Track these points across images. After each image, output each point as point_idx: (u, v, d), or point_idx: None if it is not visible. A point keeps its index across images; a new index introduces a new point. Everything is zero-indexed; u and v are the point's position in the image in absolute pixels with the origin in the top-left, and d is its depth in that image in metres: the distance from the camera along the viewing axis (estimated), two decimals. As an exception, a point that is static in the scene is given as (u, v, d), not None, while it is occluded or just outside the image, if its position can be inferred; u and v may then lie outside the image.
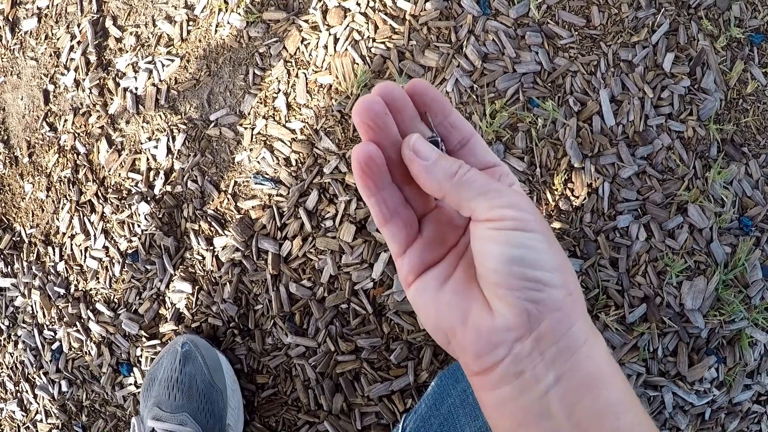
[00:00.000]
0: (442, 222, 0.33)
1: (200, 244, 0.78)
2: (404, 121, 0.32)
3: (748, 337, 0.74)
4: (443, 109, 0.32)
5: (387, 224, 0.32)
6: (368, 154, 0.30)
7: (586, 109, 0.76)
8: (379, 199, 0.31)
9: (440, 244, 0.32)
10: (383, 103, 0.30)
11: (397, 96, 0.31)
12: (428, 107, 0.32)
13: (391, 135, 0.31)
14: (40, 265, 0.84)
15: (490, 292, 0.29)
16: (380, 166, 0.30)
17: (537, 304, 0.27)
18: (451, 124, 0.33)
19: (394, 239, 0.32)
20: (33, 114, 0.86)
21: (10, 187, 0.87)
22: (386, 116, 0.30)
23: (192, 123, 0.81)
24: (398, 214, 0.31)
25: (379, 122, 0.30)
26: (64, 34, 0.86)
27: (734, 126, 0.77)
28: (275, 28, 0.80)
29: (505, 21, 0.77)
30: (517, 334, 0.27)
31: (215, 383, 0.70)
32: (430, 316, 0.31)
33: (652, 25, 0.77)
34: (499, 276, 0.27)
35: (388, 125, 0.31)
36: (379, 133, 0.30)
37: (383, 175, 0.31)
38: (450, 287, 0.31)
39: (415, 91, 0.32)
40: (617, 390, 0.27)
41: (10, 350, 0.85)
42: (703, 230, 0.75)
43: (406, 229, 0.32)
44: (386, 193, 0.31)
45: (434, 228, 0.32)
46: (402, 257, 0.32)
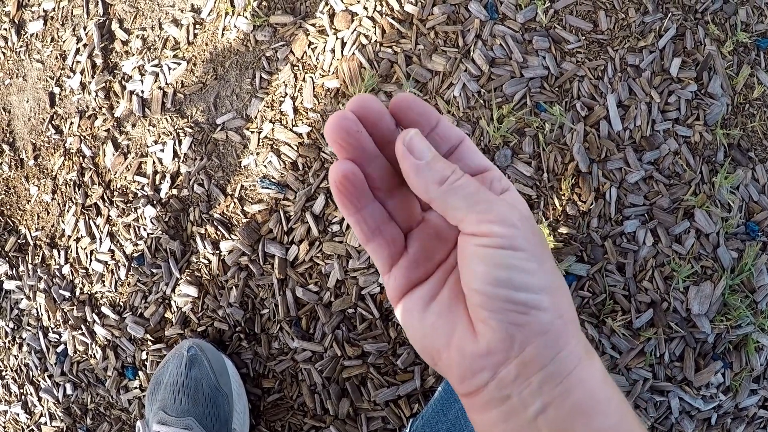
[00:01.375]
0: (429, 236, 0.31)
1: (206, 247, 0.78)
2: (382, 135, 0.30)
3: (755, 342, 0.74)
4: (430, 122, 0.31)
5: (369, 243, 0.30)
6: (344, 173, 0.28)
7: (593, 114, 0.76)
8: (359, 219, 0.30)
9: (428, 259, 0.31)
10: (355, 118, 0.29)
11: (373, 109, 0.29)
12: (415, 122, 0.30)
13: (367, 151, 0.29)
14: (45, 267, 0.84)
15: (474, 314, 0.27)
16: (358, 184, 0.29)
17: (522, 328, 0.26)
18: (438, 135, 0.31)
19: (378, 258, 0.31)
20: (39, 116, 0.86)
21: (15, 189, 0.87)
22: (358, 133, 0.29)
23: (198, 126, 0.81)
24: (381, 231, 0.30)
25: (351, 140, 0.28)
26: (70, 36, 0.86)
27: (741, 131, 0.77)
28: (282, 31, 0.80)
29: (513, 25, 0.77)
30: (500, 359, 0.26)
31: (221, 387, 0.70)
32: (416, 338, 0.30)
33: (659, 29, 0.78)
34: (483, 297, 0.26)
35: (361, 142, 0.29)
36: (354, 151, 0.29)
37: (362, 193, 0.29)
38: (435, 308, 0.29)
39: (400, 106, 0.30)
40: (612, 415, 0.26)
41: (15, 353, 0.85)
42: (709, 235, 0.75)
43: (389, 246, 0.30)
44: (367, 212, 0.30)
45: (421, 243, 0.31)
46: (387, 276, 0.31)
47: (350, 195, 0.29)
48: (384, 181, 0.30)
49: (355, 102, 0.29)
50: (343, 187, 0.29)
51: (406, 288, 0.31)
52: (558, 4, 0.78)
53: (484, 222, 0.27)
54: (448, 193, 0.28)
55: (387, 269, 0.31)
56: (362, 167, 0.29)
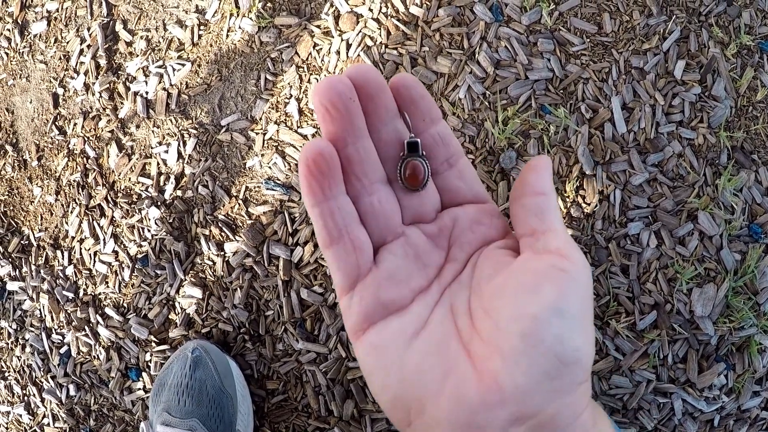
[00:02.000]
0: (406, 255, 0.26)
1: (211, 249, 0.78)
2: (376, 113, 0.25)
3: (757, 344, 0.74)
4: (431, 113, 0.26)
5: (332, 246, 0.25)
6: (318, 151, 0.24)
7: (597, 117, 0.76)
8: (324, 210, 0.24)
9: (402, 282, 0.25)
10: (351, 85, 0.24)
11: (371, 80, 0.25)
12: (414, 105, 0.26)
13: (356, 127, 0.25)
14: (48, 268, 0.84)
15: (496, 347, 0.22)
16: (332, 168, 0.24)
17: (553, 382, 0.21)
18: (439, 135, 0.27)
19: (338, 268, 0.25)
20: (42, 117, 0.86)
21: (18, 190, 0.87)
22: (351, 101, 0.24)
23: (203, 128, 0.81)
24: (348, 234, 0.25)
25: (341, 107, 0.24)
26: (73, 37, 0.86)
27: (744, 133, 0.77)
28: (287, 33, 0.80)
29: (518, 28, 0.77)
30: (512, 413, 0.21)
31: (225, 389, 0.70)
32: (389, 385, 0.23)
33: (663, 32, 0.78)
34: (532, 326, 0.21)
35: (352, 113, 0.24)
36: (340, 122, 0.24)
37: (334, 180, 0.24)
38: (421, 345, 0.24)
39: (400, 84, 0.26)
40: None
41: (18, 354, 0.84)
42: (713, 237, 0.75)
43: (355, 254, 0.25)
44: (335, 204, 0.25)
45: (396, 261, 0.26)
46: (349, 294, 0.25)
47: (321, 178, 0.24)
48: (365, 170, 0.25)
49: (354, 70, 0.25)
50: (316, 167, 0.24)
51: (375, 314, 0.25)
52: (563, 7, 0.78)
53: (573, 245, 0.24)
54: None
55: (349, 285, 0.25)
56: (344, 145, 0.25)
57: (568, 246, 0.24)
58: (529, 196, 0.26)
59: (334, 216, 0.25)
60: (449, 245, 0.27)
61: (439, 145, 0.27)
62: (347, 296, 0.25)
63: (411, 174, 0.26)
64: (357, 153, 0.25)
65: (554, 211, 0.25)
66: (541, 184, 0.26)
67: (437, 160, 0.27)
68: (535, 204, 0.25)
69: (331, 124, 0.24)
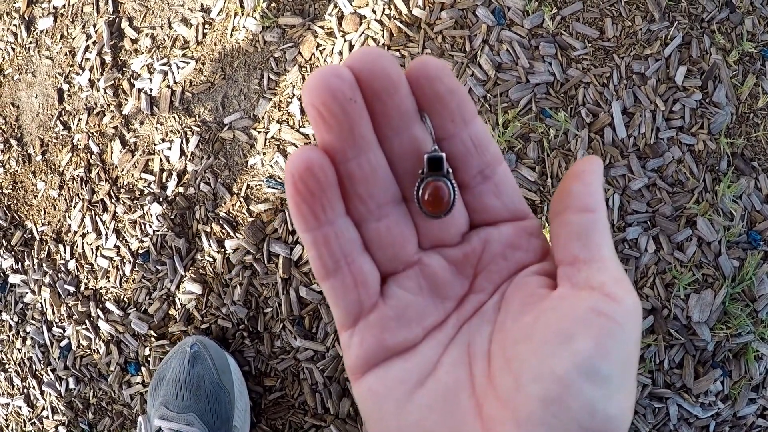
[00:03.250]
0: (421, 289, 0.22)
1: (211, 246, 0.79)
2: (388, 116, 0.19)
3: (754, 351, 0.74)
4: (463, 112, 0.20)
5: (328, 279, 0.20)
6: (307, 165, 0.19)
7: (598, 121, 0.76)
8: (317, 238, 0.20)
9: (413, 321, 0.21)
10: (352, 80, 0.19)
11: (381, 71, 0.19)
12: (441, 103, 0.20)
13: (358, 137, 0.19)
14: (50, 262, 0.84)
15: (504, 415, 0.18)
16: (326, 186, 0.19)
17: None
18: (472, 140, 0.21)
19: (337, 303, 0.21)
20: (47, 112, 0.87)
21: (22, 184, 0.87)
22: (351, 103, 0.19)
23: (206, 125, 0.81)
24: (347, 265, 0.20)
25: (336, 109, 0.18)
26: (79, 33, 0.87)
27: (745, 140, 0.77)
28: (291, 33, 0.81)
29: (520, 31, 0.78)
30: None
31: (223, 385, 0.71)
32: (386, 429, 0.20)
33: (665, 38, 0.78)
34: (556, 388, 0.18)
35: (352, 118, 0.19)
36: (338, 130, 0.19)
37: (329, 201, 0.19)
38: (426, 397, 0.20)
39: (422, 74, 0.19)
40: None
41: (19, 346, 0.85)
42: (711, 243, 0.75)
43: (357, 290, 0.21)
44: (331, 231, 0.20)
45: (407, 297, 0.21)
46: (349, 332, 0.21)
47: (310, 199, 0.19)
48: (370, 190, 0.20)
49: (358, 57, 0.19)
50: (304, 185, 0.19)
51: (377, 357, 0.21)
52: (565, 11, 0.78)
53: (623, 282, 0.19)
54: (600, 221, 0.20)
55: (349, 323, 0.21)
56: (344, 159, 0.20)
57: (616, 282, 0.19)
58: (572, 212, 0.21)
59: (330, 245, 0.20)
60: (475, 274, 0.22)
61: (472, 153, 0.21)
62: (347, 333, 0.21)
63: (432, 199, 0.21)
64: (360, 169, 0.20)
65: (603, 234, 0.20)
66: (587, 196, 0.21)
67: (469, 173, 0.21)
68: (578, 224, 0.20)
69: (327, 133, 0.19)
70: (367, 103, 0.19)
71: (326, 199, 0.19)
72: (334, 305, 0.21)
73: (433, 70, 0.19)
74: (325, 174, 0.19)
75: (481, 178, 0.21)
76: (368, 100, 0.19)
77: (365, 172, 0.20)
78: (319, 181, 0.19)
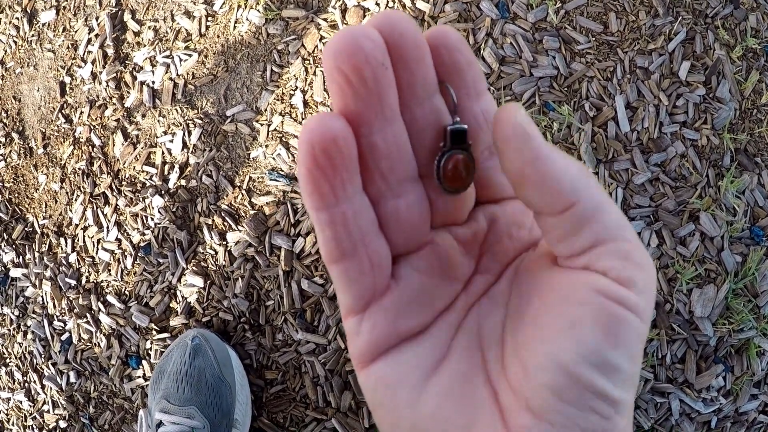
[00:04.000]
0: (432, 270, 0.20)
1: (213, 238, 0.79)
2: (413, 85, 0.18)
3: (756, 346, 0.74)
4: (477, 85, 0.19)
5: (341, 262, 0.19)
6: (331, 135, 0.17)
7: (601, 115, 0.76)
8: (335, 217, 0.18)
9: (426, 304, 0.20)
10: (383, 44, 0.17)
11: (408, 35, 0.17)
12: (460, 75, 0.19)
13: (386, 107, 0.18)
14: (51, 255, 0.84)
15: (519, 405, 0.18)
16: (348, 160, 0.17)
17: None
18: (483, 114, 0.20)
19: (348, 287, 0.19)
20: (49, 105, 0.87)
21: (24, 177, 0.87)
22: (382, 68, 0.17)
23: (208, 118, 0.81)
24: (365, 247, 0.19)
25: (368, 74, 0.17)
26: (82, 26, 0.86)
27: (748, 136, 0.77)
28: (294, 25, 0.81)
29: (523, 25, 0.78)
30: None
31: (224, 378, 0.71)
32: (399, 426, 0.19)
33: (669, 33, 0.78)
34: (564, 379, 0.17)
35: (382, 86, 0.17)
36: (366, 98, 0.17)
37: (350, 176, 0.18)
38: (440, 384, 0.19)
39: (441, 42, 0.18)
40: None
41: (19, 340, 0.85)
42: (714, 239, 0.75)
43: (372, 273, 0.19)
44: (350, 209, 0.18)
45: (420, 279, 0.20)
46: (358, 317, 0.20)
47: (330, 173, 0.17)
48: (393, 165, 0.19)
49: (384, 19, 0.17)
50: (324, 157, 0.17)
51: (388, 342, 0.20)
52: (569, 5, 0.78)
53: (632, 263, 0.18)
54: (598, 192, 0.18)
55: (359, 308, 0.20)
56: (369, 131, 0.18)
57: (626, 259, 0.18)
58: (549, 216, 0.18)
59: (348, 225, 0.18)
60: (481, 253, 0.21)
61: (483, 128, 0.20)
62: (354, 318, 0.20)
63: (454, 173, 0.19)
64: (385, 142, 0.18)
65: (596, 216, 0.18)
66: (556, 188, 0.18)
67: (478, 148, 0.20)
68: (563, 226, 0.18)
69: (353, 101, 0.17)
70: (395, 70, 0.18)
71: (347, 173, 0.17)
72: (344, 289, 0.19)
73: (454, 40, 0.18)
74: (348, 146, 0.17)
75: (488, 153, 0.20)
76: (395, 67, 0.17)
77: (389, 146, 0.18)
78: (342, 153, 0.17)
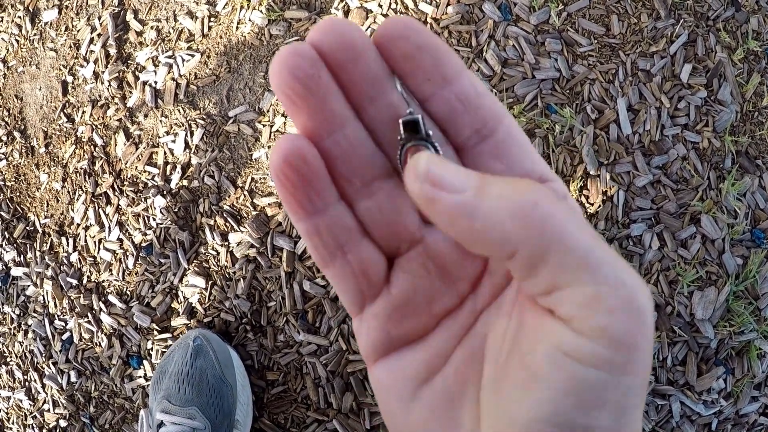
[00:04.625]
0: (427, 270, 0.20)
1: (215, 239, 0.79)
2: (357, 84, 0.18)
3: (757, 349, 0.74)
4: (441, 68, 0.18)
5: (327, 268, 0.20)
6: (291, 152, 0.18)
7: (603, 117, 0.76)
8: (311, 228, 0.19)
9: (421, 308, 0.20)
10: (315, 55, 0.18)
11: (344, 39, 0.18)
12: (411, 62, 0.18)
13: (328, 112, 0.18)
14: (53, 255, 0.84)
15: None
16: (313, 173, 0.18)
17: None
18: (458, 98, 0.19)
19: (342, 291, 0.20)
20: (51, 105, 0.87)
21: (25, 176, 0.87)
22: (316, 79, 0.18)
23: (210, 118, 0.81)
24: (345, 254, 0.19)
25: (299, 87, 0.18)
26: (84, 26, 0.86)
27: (749, 138, 0.77)
28: (297, 26, 0.81)
29: (526, 27, 0.78)
30: None
31: (225, 378, 0.71)
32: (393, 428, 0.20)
33: (670, 35, 0.78)
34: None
35: (318, 94, 0.18)
36: (306, 109, 0.18)
37: (320, 187, 0.18)
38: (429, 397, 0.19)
39: (386, 34, 0.18)
40: None
41: (20, 339, 0.85)
42: (715, 241, 0.75)
43: (357, 279, 0.19)
44: (326, 219, 0.19)
45: (413, 279, 0.20)
46: (358, 318, 0.20)
47: (295, 191, 0.18)
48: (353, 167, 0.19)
49: (319, 30, 0.18)
50: (290, 174, 0.18)
51: (384, 347, 0.20)
52: (571, 8, 0.78)
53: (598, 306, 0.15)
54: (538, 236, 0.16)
55: (356, 310, 0.20)
56: (318, 140, 0.18)
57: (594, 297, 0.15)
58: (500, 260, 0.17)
59: (322, 235, 0.19)
60: None
61: (460, 111, 0.19)
62: (356, 319, 0.20)
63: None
64: (338, 146, 0.19)
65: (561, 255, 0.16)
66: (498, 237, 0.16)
67: (461, 134, 0.19)
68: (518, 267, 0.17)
69: (297, 114, 0.18)
70: (335, 75, 0.18)
71: (311, 188, 0.18)
72: (338, 292, 0.20)
73: (399, 29, 0.18)
74: (306, 161, 0.18)
75: (477, 138, 0.19)
76: (335, 72, 0.18)
77: (343, 149, 0.19)
78: (299, 170, 0.18)
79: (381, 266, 0.20)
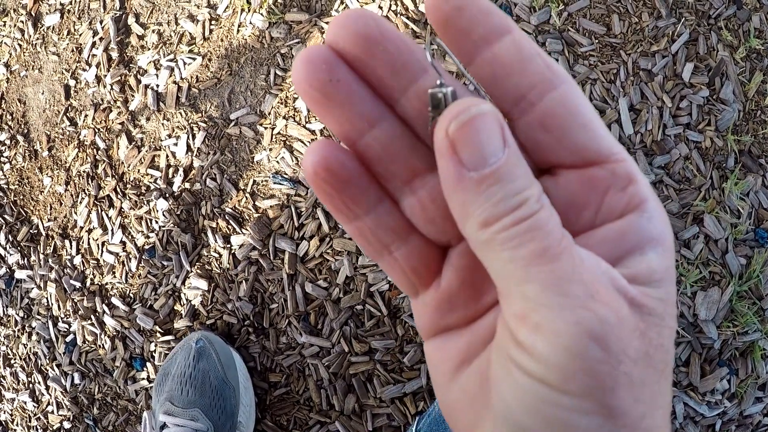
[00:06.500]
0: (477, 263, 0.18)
1: (217, 241, 0.79)
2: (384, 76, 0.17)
3: (761, 349, 0.74)
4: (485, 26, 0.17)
5: (379, 261, 0.20)
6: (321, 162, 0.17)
7: (604, 117, 0.76)
8: (355, 231, 0.19)
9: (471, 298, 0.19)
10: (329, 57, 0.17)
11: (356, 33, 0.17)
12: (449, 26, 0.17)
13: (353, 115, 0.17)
14: (56, 258, 0.85)
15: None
16: (346, 179, 0.18)
17: None
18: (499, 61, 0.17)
19: (395, 280, 0.20)
20: (53, 108, 0.87)
21: (29, 180, 0.88)
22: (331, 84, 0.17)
23: (212, 121, 0.81)
24: (391, 253, 0.19)
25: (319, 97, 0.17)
26: (86, 30, 0.87)
27: (752, 137, 0.77)
28: (297, 29, 0.81)
29: (527, 27, 0.78)
30: None
31: (228, 380, 0.71)
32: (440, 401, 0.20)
33: (672, 34, 0.78)
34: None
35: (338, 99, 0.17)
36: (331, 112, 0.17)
37: (356, 192, 0.18)
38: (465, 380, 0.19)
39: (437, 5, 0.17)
40: None
41: (24, 341, 0.85)
42: (718, 241, 0.75)
43: (408, 272, 0.19)
44: (365, 223, 0.19)
45: (463, 271, 0.19)
46: (415, 300, 0.21)
47: (334, 198, 0.18)
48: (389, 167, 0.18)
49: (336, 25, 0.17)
50: (320, 187, 0.18)
51: (433, 330, 0.20)
52: (572, 7, 0.78)
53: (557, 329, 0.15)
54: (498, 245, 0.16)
55: (412, 295, 0.20)
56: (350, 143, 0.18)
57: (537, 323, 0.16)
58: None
59: (366, 237, 0.19)
60: None
61: (501, 76, 0.17)
62: (414, 300, 0.20)
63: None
64: (370, 148, 0.18)
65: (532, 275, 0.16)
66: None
67: (504, 102, 0.17)
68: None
69: (326, 120, 0.18)
70: (358, 72, 0.17)
71: (346, 195, 0.18)
72: (395, 281, 0.20)
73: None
74: (342, 167, 0.18)
75: (526, 105, 0.17)
76: (357, 69, 0.17)
77: (375, 151, 0.18)
78: (335, 177, 0.18)
79: (430, 260, 0.19)
